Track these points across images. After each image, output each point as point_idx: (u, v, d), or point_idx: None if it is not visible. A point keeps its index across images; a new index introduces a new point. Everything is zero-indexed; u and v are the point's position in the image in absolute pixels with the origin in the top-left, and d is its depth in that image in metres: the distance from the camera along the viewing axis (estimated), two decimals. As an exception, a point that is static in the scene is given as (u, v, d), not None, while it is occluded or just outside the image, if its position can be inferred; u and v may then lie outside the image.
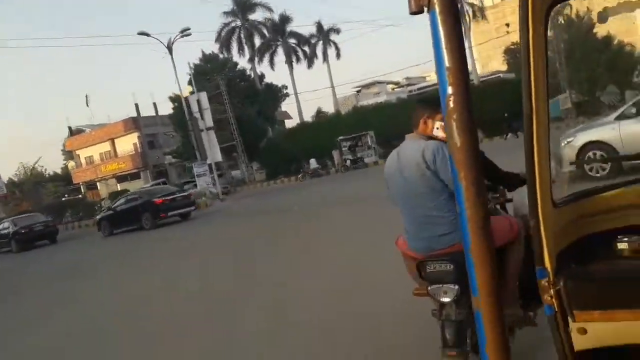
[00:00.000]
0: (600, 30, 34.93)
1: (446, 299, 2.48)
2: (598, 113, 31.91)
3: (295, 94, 44.44)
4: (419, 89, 58.80)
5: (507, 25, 44.10)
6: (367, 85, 60.88)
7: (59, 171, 61.62)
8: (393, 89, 63.53)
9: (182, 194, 19.42)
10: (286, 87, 46.16)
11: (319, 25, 43.39)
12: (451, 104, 0.85)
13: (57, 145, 53.73)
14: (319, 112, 54.35)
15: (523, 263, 2.65)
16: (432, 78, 67.42)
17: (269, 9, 44.10)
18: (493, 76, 47.77)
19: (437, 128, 2.67)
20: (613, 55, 30.73)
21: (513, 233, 2.66)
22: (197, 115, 23.02)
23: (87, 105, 56.45)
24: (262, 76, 45.22)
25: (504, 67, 54.75)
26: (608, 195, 1.80)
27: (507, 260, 2.65)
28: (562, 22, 39.90)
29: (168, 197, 18.37)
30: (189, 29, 23.61)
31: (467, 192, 0.87)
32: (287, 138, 40.79)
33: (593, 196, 1.81)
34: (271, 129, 44.73)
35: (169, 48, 23.65)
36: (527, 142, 1.40)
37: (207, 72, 40.29)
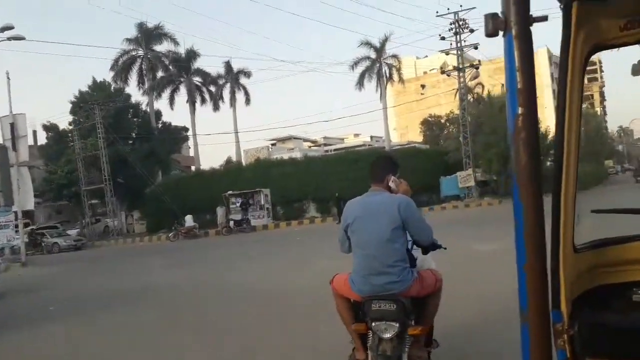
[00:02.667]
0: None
1: (387, 335, 2.77)
2: (507, 194, 29.34)
3: (194, 136, 38.20)
4: (335, 149, 54.95)
5: (423, 87, 41.18)
6: (283, 139, 55.95)
7: None
8: (310, 146, 59.20)
9: None
10: (187, 129, 39.94)
11: (228, 66, 38.02)
12: (519, 124, 0.87)
13: None
14: (229, 162, 48.19)
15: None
16: (350, 141, 64.54)
17: (176, 42, 38.32)
18: (408, 145, 44.46)
19: (392, 182, 3.10)
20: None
21: (437, 285, 3.14)
22: (9, 144, 15.90)
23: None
24: (159, 114, 38.71)
25: (420, 139, 52.27)
26: (628, 247, 1.77)
27: (427, 307, 3.10)
28: (473, 98, 37.83)
29: None
30: (12, 27, 16.87)
31: (526, 213, 0.87)
32: (176, 187, 34.01)
33: (614, 246, 1.78)
34: (163, 174, 37.77)
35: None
36: (555, 185, 1.39)
37: (95, 100, 33.20)
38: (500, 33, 0.89)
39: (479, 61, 29.96)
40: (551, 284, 1.34)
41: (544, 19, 1.03)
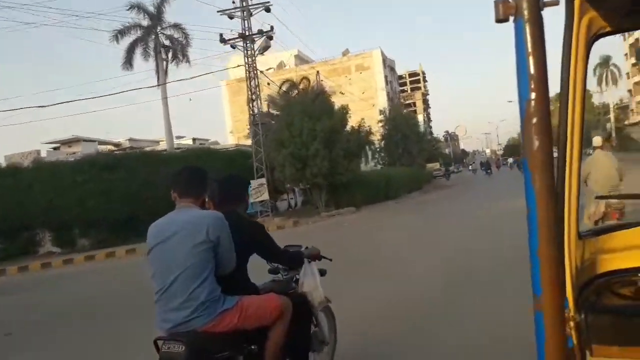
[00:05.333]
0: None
1: None
2: (311, 215, 21.31)
3: None
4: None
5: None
6: (68, 142, 41.76)
7: None
8: (112, 150, 45.85)
9: None
10: None
11: None
12: (531, 109, 0.87)
13: None
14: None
15: (294, 336, 2.78)
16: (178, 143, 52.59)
17: None
18: (199, 146, 34.46)
19: (206, 199, 2.63)
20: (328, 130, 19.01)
21: (274, 315, 2.65)
22: None
23: None
24: None
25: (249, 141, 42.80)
26: (633, 232, 1.74)
27: (270, 338, 2.66)
28: (299, 92, 29.60)
29: None
30: None
31: (539, 195, 0.88)
32: None
33: (618, 231, 1.75)
34: None
35: None
36: (560, 172, 1.39)
37: None
38: (511, 19, 0.88)
39: (272, 27, 21.20)
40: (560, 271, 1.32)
41: (555, 3, 0.97)
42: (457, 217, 14.81)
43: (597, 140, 6.80)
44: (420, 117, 77.54)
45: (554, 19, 1.17)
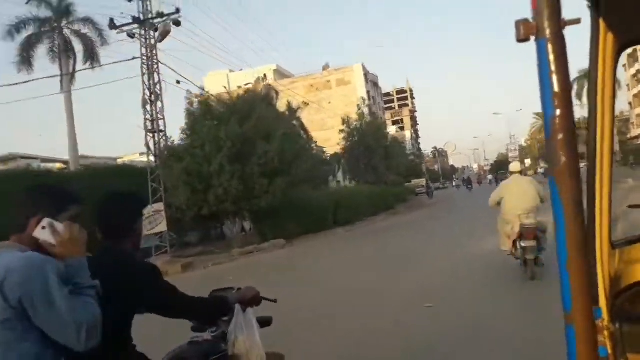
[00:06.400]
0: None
1: None
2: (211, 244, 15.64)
3: None
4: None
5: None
6: (5, 160, 36.86)
7: None
8: (61, 168, 40.92)
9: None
10: None
11: None
12: (556, 126, 0.88)
13: None
14: None
15: None
16: (129, 159, 47.69)
17: None
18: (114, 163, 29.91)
19: (44, 227, 1.52)
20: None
21: None
22: None
23: None
24: None
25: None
26: None
27: None
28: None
29: None
30: None
31: (566, 209, 0.88)
32: None
33: None
34: None
35: None
36: (590, 180, 1.37)
37: None
38: (532, 38, 0.89)
39: (178, 9, 16.63)
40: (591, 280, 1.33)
41: (577, 21, 0.95)
42: (408, 256, 10.20)
43: (514, 166, 7.19)
44: (408, 134, 73.42)
45: (574, 33, 1.01)
